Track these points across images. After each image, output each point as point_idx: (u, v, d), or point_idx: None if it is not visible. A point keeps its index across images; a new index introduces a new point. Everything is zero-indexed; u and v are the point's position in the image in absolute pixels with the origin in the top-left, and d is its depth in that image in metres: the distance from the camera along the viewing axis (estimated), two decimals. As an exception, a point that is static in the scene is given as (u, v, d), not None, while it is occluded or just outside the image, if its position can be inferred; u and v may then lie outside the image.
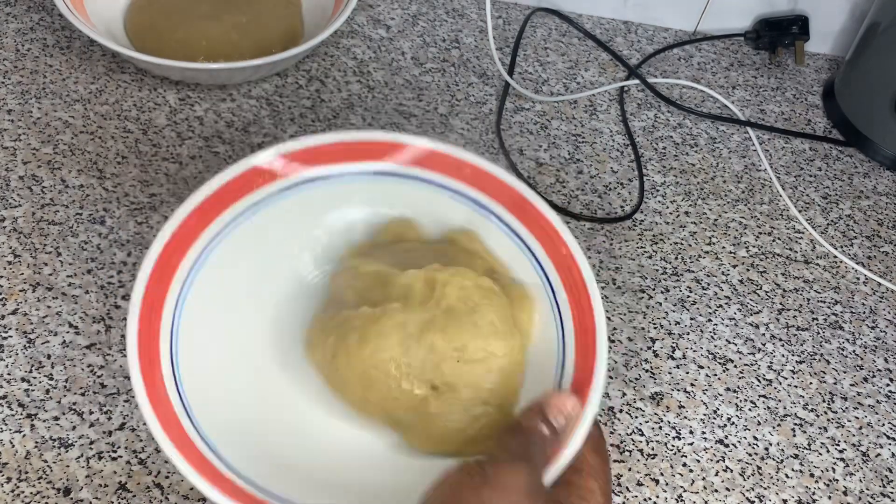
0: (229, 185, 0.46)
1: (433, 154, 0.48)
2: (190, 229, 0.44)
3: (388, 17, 0.78)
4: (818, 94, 0.81)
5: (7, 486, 0.45)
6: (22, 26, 0.70)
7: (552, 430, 0.38)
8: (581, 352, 0.43)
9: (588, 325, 0.43)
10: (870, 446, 0.56)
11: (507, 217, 0.48)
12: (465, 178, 0.48)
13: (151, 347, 0.41)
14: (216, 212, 0.45)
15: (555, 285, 0.45)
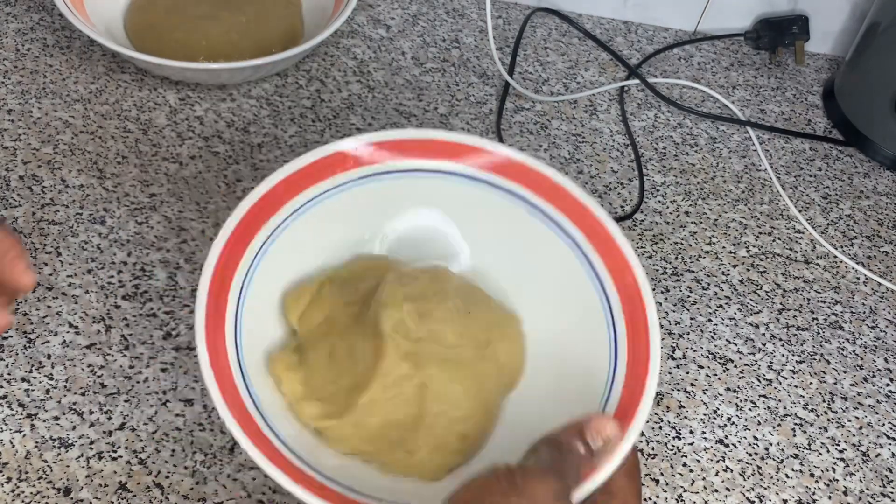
0: (312, 166, 0.47)
1: (512, 163, 0.49)
2: (266, 207, 0.45)
3: (388, 17, 0.78)
4: (818, 94, 0.81)
5: (7, 486, 0.45)
6: (22, 26, 0.70)
7: (588, 450, 0.38)
8: (631, 379, 0.43)
9: (642, 352, 0.43)
10: (870, 446, 0.56)
11: (579, 238, 0.48)
12: (542, 192, 0.48)
13: (217, 331, 0.41)
14: (295, 191, 0.47)
15: (615, 310, 0.45)
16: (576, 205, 0.48)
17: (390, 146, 0.48)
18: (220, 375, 0.39)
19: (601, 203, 0.67)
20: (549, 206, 0.48)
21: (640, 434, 0.53)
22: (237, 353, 0.42)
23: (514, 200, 0.49)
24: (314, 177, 0.47)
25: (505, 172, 0.49)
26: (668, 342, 0.59)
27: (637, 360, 0.43)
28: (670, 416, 0.55)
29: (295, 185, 0.46)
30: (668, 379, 0.57)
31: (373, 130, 0.48)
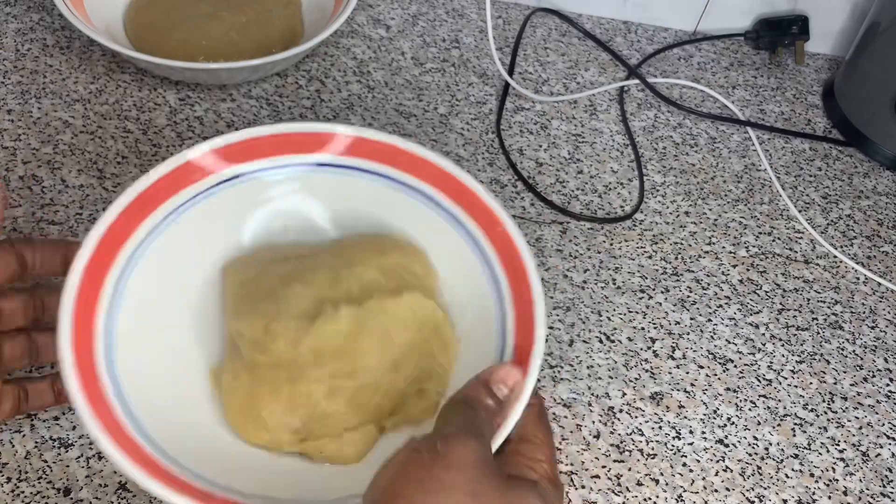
0: (161, 181, 0.46)
1: (359, 141, 0.48)
2: (122, 227, 0.44)
3: (388, 17, 0.78)
4: (818, 94, 0.81)
5: (7, 486, 0.45)
6: (22, 26, 0.70)
7: (497, 401, 0.38)
8: (521, 323, 0.43)
9: (525, 294, 0.44)
10: (870, 446, 0.56)
11: (438, 197, 0.48)
12: (392, 162, 0.49)
13: (85, 349, 0.40)
14: (148, 210, 0.45)
15: (491, 259, 0.46)
16: (429, 166, 0.48)
17: (231, 151, 0.48)
18: (87, 383, 0.38)
19: (601, 203, 0.67)
20: (405, 175, 0.49)
21: (641, 433, 0.53)
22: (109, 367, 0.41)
23: (371, 178, 0.49)
24: (166, 192, 0.46)
25: (358, 153, 0.49)
26: (668, 342, 0.59)
27: (522, 299, 0.44)
28: (670, 416, 0.55)
29: (145, 205, 0.45)
30: (668, 379, 0.57)
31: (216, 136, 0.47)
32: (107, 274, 0.42)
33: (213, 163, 0.47)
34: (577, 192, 0.67)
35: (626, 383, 0.56)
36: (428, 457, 0.33)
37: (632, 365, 0.57)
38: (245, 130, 0.47)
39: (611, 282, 0.61)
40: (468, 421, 0.36)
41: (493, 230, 0.46)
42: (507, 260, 0.45)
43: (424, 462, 0.33)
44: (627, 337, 0.59)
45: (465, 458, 0.33)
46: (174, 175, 0.46)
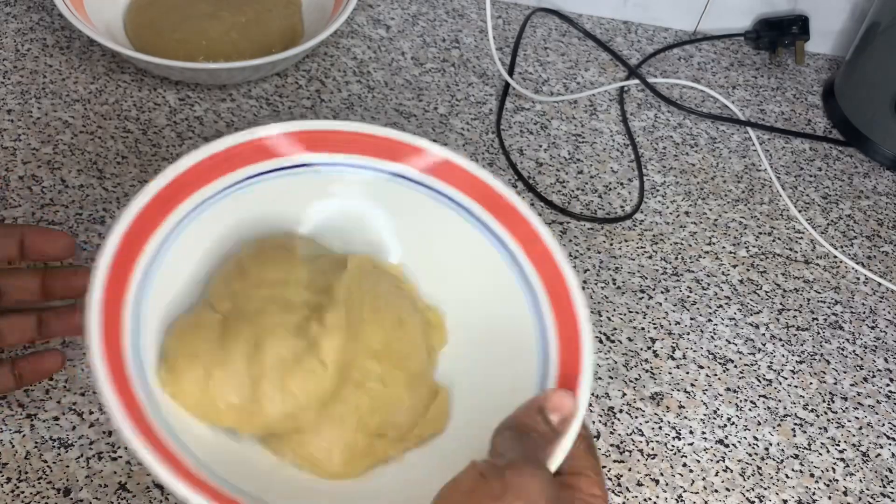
0: (231, 151, 0.44)
1: (446, 164, 0.47)
2: (167, 199, 0.42)
3: (388, 17, 0.78)
4: (818, 94, 0.81)
5: (7, 487, 0.45)
6: (22, 26, 0.70)
7: (551, 428, 0.37)
8: (566, 348, 0.42)
9: (570, 319, 0.42)
10: (870, 446, 0.56)
11: (480, 213, 0.47)
12: (463, 187, 0.47)
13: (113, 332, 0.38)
14: (208, 179, 0.44)
15: (531, 278, 0.45)
16: (471, 179, 0.47)
17: (309, 137, 0.46)
18: (117, 379, 0.36)
19: (601, 203, 0.67)
20: (451, 188, 0.47)
21: (641, 433, 0.53)
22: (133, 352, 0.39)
23: (415, 187, 0.48)
24: (231, 164, 0.44)
25: (440, 175, 0.48)
26: (668, 342, 0.59)
27: (566, 323, 0.42)
28: (670, 417, 0.55)
29: (208, 172, 0.44)
30: (668, 379, 0.57)
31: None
32: (140, 254, 0.41)
33: (284, 146, 0.46)
34: (577, 192, 0.67)
35: (626, 383, 0.56)
36: (498, 486, 0.32)
37: (632, 365, 0.57)
38: (325, 122, 0.46)
39: (611, 282, 0.61)
40: (530, 448, 0.36)
41: (531, 248, 0.45)
42: (548, 278, 0.44)
43: (495, 492, 0.32)
44: (627, 337, 0.59)
45: (536, 491, 0.32)
46: (237, 151, 0.44)
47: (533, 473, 0.33)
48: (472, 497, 0.32)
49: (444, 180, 0.48)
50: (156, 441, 0.36)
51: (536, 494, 0.32)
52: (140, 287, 0.40)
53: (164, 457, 0.35)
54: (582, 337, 0.42)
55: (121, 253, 0.40)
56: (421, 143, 0.48)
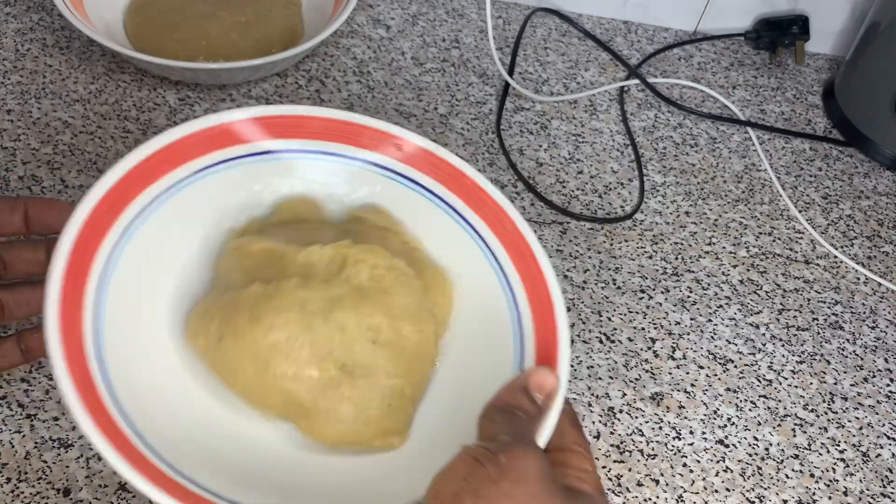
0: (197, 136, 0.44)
1: (425, 153, 0.47)
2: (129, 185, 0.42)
3: (388, 17, 0.78)
4: (818, 94, 0.81)
5: (7, 487, 0.45)
6: (22, 26, 0.70)
7: (535, 406, 0.38)
8: (540, 326, 0.42)
9: (544, 297, 0.42)
10: (870, 446, 0.56)
11: (445, 194, 0.47)
12: (400, 156, 0.47)
13: (75, 319, 0.38)
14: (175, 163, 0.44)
15: (502, 261, 0.45)
16: (430, 157, 0.47)
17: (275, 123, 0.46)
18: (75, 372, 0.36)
19: (601, 203, 0.67)
20: (405, 167, 0.47)
21: (641, 433, 0.53)
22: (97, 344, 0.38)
23: (367, 167, 0.48)
24: (200, 149, 0.44)
25: (363, 144, 0.47)
26: (668, 342, 0.59)
27: (540, 301, 0.43)
28: (670, 417, 0.55)
29: (176, 155, 0.43)
30: (668, 379, 0.57)
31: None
32: (102, 241, 0.40)
33: (251, 132, 0.46)
34: (577, 192, 0.67)
35: (626, 383, 0.56)
36: (494, 470, 0.32)
37: (632, 365, 0.57)
38: (293, 106, 0.46)
39: (611, 282, 0.61)
40: (519, 428, 0.36)
41: (502, 228, 0.45)
42: (518, 259, 0.44)
43: (491, 476, 0.32)
44: (627, 337, 0.58)
45: (531, 472, 0.33)
46: (206, 134, 0.44)
47: (526, 453, 0.33)
48: (469, 482, 0.32)
49: (410, 164, 0.47)
50: (112, 430, 0.36)
51: (532, 474, 0.33)
52: (104, 269, 0.40)
53: (119, 445, 0.35)
54: (556, 311, 0.42)
55: (86, 231, 0.39)
56: (383, 126, 0.47)
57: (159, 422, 0.39)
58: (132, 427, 0.37)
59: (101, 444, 0.35)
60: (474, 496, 0.32)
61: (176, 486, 0.36)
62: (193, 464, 0.37)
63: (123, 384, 0.38)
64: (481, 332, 0.45)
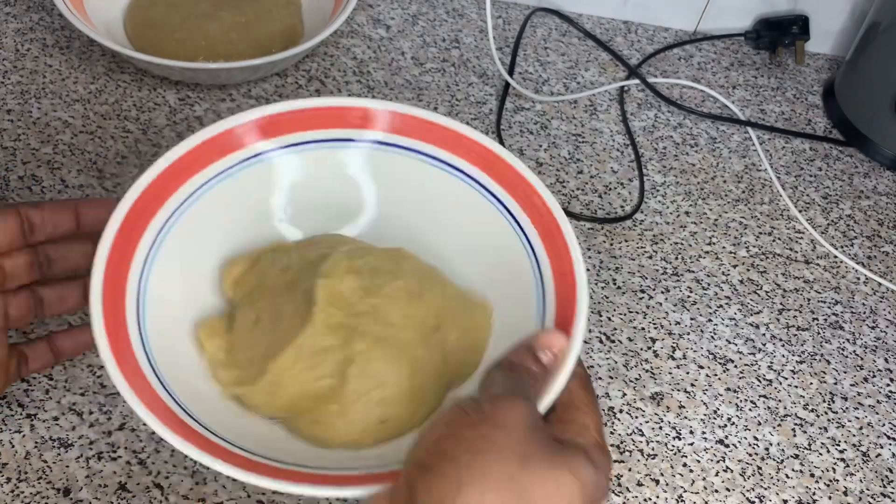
0: (204, 145, 0.45)
1: (396, 117, 0.48)
2: (168, 183, 0.44)
3: (388, 17, 0.78)
4: (818, 94, 0.81)
5: (7, 487, 0.45)
6: (22, 26, 0.70)
7: (542, 367, 0.38)
8: (561, 291, 0.43)
9: (566, 265, 0.43)
10: (870, 446, 0.56)
11: (474, 171, 0.48)
12: (429, 139, 0.48)
13: (117, 308, 0.40)
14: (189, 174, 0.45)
15: (527, 230, 0.46)
16: (453, 135, 0.48)
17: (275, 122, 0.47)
18: (119, 354, 0.38)
19: (601, 203, 0.67)
20: (433, 148, 0.48)
21: (641, 433, 0.53)
22: (139, 328, 0.40)
23: (408, 154, 0.48)
24: (214, 155, 0.46)
25: (401, 130, 0.48)
26: (668, 342, 0.59)
27: (562, 269, 0.43)
28: (670, 417, 0.55)
29: (189, 167, 0.45)
30: (668, 379, 0.57)
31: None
32: (143, 232, 0.42)
33: (253, 135, 0.47)
34: (577, 192, 0.67)
35: (626, 383, 0.56)
36: (476, 417, 0.32)
37: (632, 365, 0.57)
38: (289, 102, 0.47)
39: (611, 282, 0.61)
40: (514, 383, 0.36)
41: (528, 201, 0.46)
42: (543, 228, 0.45)
43: (473, 422, 0.32)
44: (627, 337, 0.58)
45: (514, 420, 0.32)
46: (216, 142, 0.46)
47: (512, 404, 0.33)
48: (451, 429, 0.33)
49: (426, 140, 0.48)
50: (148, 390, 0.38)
51: (514, 421, 0.32)
52: (147, 258, 0.42)
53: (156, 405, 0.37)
54: (577, 280, 0.42)
55: (129, 221, 0.42)
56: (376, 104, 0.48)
57: (194, 399, 0.41)
58: (181, 406, 0.39)
59: (157, 426, 0.36)
60: (453, 441, 0.32)
61: (235, 456, 0.37)
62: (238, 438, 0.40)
63: (167, 368, 0.40)
64: (509, 301, 0.46)
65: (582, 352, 0.57)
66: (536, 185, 0.46)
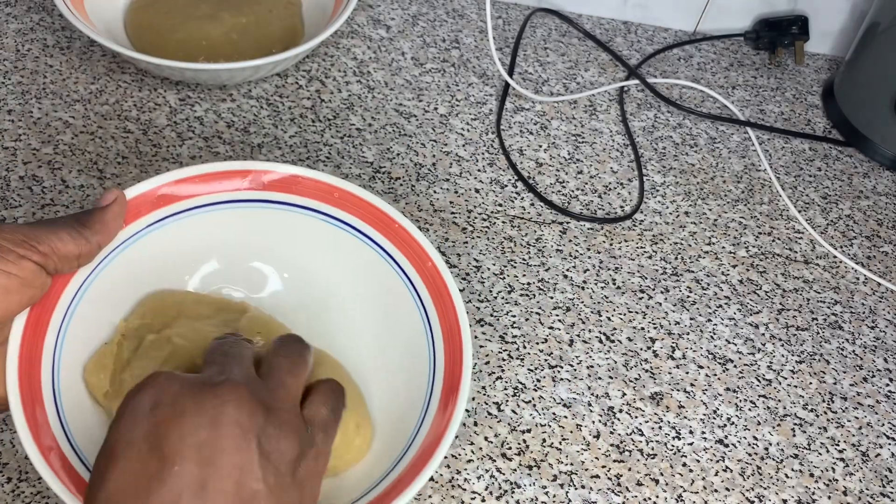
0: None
1: (293, 179, 0.50)
2: None
3: (388, 18, 0.78)
4: (818, 94, 0.81)
5: (7, 486, 0.45)
6: (22, 26, 0.70)
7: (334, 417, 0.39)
8: (450, 356, 0.46)
9: (454, 329, 0.46)
10: (869, 446, 0.56)
11: (371, 232, 0.50)
12: (329, 200, 0.50)
13: (32, 373, 0.41)
14: None
15: (422, 296, 0.48)
16: (354, 199, 0.50)
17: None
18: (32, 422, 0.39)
19: (601, 203, 0.67)
20: (331, 208, 0.50)
21: (640, 433, 0.54)
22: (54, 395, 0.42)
23: (299, 211, 0.51)
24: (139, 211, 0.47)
25: (284, 188, 0.50)
26: (668, 342, 0.59)
27: (451, 333, 0.47)
28: (670, 416, 0.55)
29: None
30: (668, 379, 0.57)
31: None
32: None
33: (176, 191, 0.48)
34: (577, 192, 0.67)
35: (626, 383, 0.56)
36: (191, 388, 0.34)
37: (632, 365, 0.57)
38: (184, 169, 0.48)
39: (611, 282, 0.62)
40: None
41: (423, 266, 0.49)
42: (436, 296, 0.48)
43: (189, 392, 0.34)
44: (627, 337, 0.59)
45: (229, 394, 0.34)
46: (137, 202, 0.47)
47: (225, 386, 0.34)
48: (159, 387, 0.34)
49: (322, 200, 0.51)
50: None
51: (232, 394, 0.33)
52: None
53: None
54: (464, 346, 0.46)
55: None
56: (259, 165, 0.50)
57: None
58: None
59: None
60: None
61: None
62: None
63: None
64: (405, 361, 0.48)
65: (544, 380, 0.58)
66: (429, 249, 0.49)
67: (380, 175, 0.65)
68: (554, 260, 0.62)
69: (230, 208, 0.49)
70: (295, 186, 0.50)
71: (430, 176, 0.66)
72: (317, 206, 0.50)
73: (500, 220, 0.64)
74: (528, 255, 0.62)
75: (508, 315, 0.58)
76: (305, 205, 0.50)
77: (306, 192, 0.50)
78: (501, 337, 0.57)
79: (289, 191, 0.50)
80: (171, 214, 0.48)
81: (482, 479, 0.50)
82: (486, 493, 0.49)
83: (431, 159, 0.67)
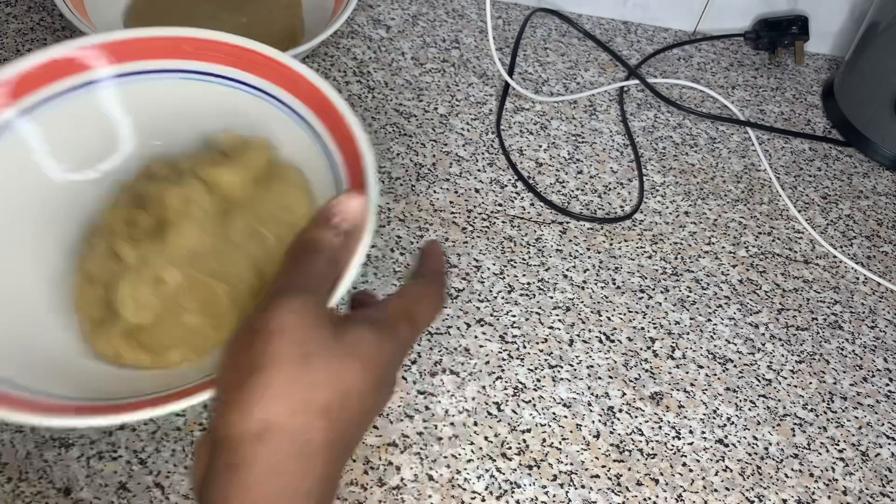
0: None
1: (206, 43, 0.49)
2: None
3: (388, 18, 0.78)
4: (818, 94, 0.81)
5: (8, 486, 0.45)
6: (22, 27, 0.70)
7: (340, 234, 0.37)
8: (350, 161, 0.44)
9: (347, 136, 0.45)
10: (869, 446, 0.56)
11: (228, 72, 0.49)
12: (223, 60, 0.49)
13: None
14: None
15: (308, 117, 0.47)
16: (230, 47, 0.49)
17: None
18: None
19: (601, 203, 0.67)
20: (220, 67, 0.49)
21: (640, 433, 0.54)
22: None
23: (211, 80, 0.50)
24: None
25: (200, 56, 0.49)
26: (668, 342, 0.59)
27: (345, 140, 0.45)
28: (670, 416, 0.55)
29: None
30: (667, 379, 0.57)
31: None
32: None
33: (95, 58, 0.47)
34: (576, 192, 0.67)
35: (626, 383, 0.56)
36: (250, 335, 0.32)
37: (632, 365, 0.57)
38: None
39: (611, 282, 0.62)
40: (301, 272, 0.35)
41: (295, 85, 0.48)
42: (321, 112, 0.47)
43: (248, 340, 0.32)
44: (627, 337, 0.59)
45: (289, 322, 0.32)
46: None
47: (287, 304, 0.33)
48: (232, 355, 0.33)
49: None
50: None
51: (289, 325, 0.32)
52: None
53: None
54: (360, 146, 0.44)
55: None
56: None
57: None
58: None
59: None
60: (234, 366, 0.32)
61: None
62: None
63: None
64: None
65: (544, 379, 0.58)
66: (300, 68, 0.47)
67: (380, 175, 0.65)
68: (554, 260, 0.62)
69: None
70: (146, 52, 0.48)
71: (430, 176, 0.66)
72: (174, 66, 0.49)
73: (499, 219, 0.64)
74: (528, 255, 0.62)
75: (508, 315, 0.58)
76: (168, 67, 0.49)
77: (161, 53, 0.48)
78: (501, 337, 0.57)
79: (143, 57, 0.48)
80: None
81: (482, 479, 0.50)
82: (486, 493, 0.49)
83: (431, 159, 0.67)
